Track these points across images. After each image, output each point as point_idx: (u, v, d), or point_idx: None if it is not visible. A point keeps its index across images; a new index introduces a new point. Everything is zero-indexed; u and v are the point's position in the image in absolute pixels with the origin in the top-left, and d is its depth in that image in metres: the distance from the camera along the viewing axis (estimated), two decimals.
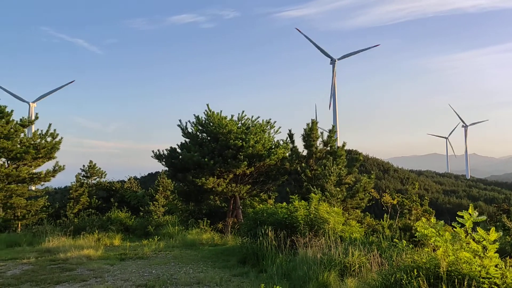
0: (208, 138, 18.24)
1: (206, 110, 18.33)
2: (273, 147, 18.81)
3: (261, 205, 15.61)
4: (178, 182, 19.82)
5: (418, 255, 6.21)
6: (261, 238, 10.07)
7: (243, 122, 18.92)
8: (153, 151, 18.73)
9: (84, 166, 25.89)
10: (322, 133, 19.66)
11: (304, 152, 20.00)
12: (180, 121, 18.83)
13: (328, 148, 19.71)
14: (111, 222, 18.14)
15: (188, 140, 18.70)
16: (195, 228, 16.67)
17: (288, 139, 20.27)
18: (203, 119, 18.36)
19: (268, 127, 19.30)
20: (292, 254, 9.42)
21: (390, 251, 8.03)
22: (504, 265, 5.53)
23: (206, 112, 18.33)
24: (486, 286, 5.25)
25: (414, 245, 7.66)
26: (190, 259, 11.48)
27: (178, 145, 18.75)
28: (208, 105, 18.25)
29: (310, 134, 19.37)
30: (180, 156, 18.06)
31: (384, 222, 17.82)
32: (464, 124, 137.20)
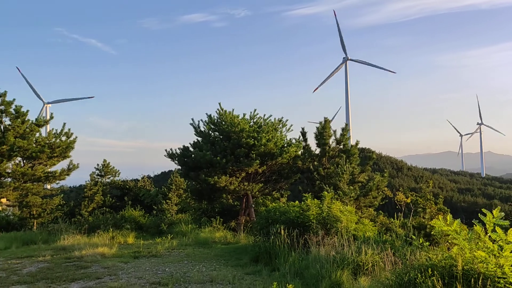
0: (220, 137, 18.28)
1: (218, 109, 18.41)
2: (285, 145, 18.77)
3: (273, 203, 15.61)
4: (191, 180, 19.90)
5: (433, 253, 6.14)
6: (273, 237, 10.06)
7: (255, 120, 18.93)
8: (166, 150, 18.90)
9: (98, 165, 26.15)
10: (335, 131, 19.61)
11: (317, 151, 19.95)
12: (193, 119, 18.95)
13: (341, 146, 19.64)
14: (125, 221, 18.29)
15: (200, 138, 18.79)
16: (208, 227, 16.74)
17: (301, 137, 20.24)
18: (215, 118, 18.42)
19: (280, 125, 19.27)
20: (305, 252, 9.38)
21: (403, 250, 7.96)
22: None
23: (218, 111, 18.40)
24: (501, 285, 5.19)
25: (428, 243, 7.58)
26: (203, 257, 11.52)
27: (190, 143, 18.87)
28: (220, 103, 18.36)
29: (323, 132, 19.32)
30: (193, 155, 18.13)
31: (396, 220, 17.69)
32: (480, 122, 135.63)
